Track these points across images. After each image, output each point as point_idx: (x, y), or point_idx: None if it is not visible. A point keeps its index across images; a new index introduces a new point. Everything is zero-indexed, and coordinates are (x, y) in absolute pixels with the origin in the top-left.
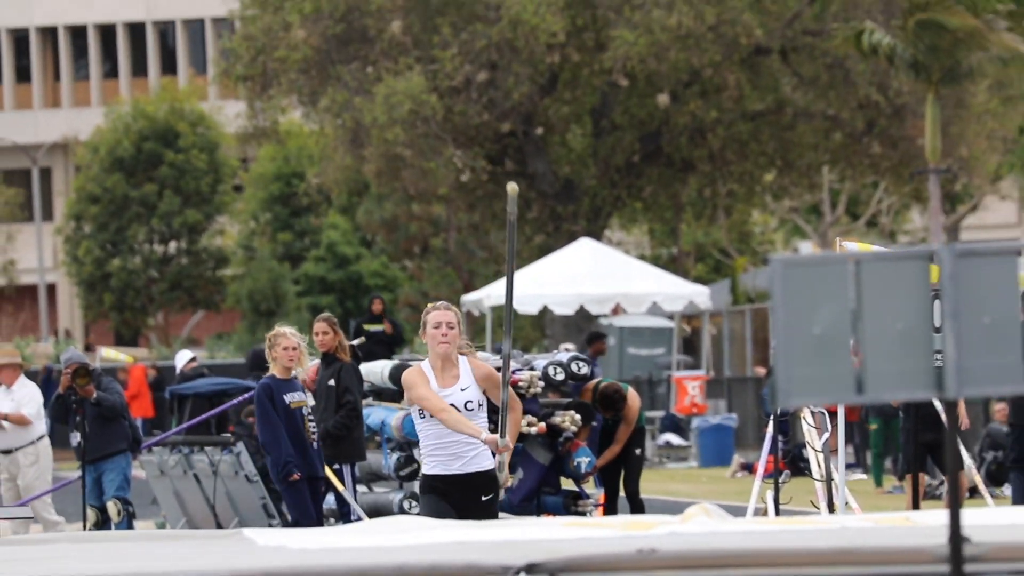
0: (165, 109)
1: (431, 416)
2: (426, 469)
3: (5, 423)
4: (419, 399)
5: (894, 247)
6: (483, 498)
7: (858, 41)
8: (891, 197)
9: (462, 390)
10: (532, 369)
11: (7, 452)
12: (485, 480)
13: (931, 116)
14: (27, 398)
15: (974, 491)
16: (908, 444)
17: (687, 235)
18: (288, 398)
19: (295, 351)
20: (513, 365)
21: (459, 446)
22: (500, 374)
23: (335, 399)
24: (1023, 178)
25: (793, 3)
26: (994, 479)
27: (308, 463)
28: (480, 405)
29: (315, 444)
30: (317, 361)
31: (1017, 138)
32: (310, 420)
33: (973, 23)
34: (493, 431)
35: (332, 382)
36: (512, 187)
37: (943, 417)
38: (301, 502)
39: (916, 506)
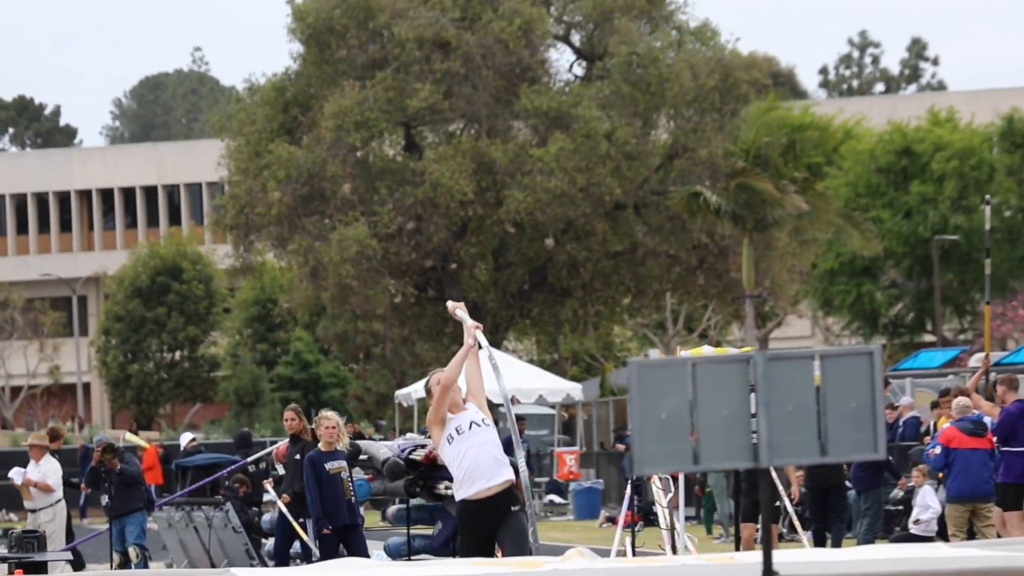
0: (172, 251)
1: (449, 438)
2: (458, 495)
3: (32, 488)
4: (439, 381)
5: (720, 354)
6: (512, 508)
7: (693, 199)
8: (717, 315)
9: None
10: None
11: (33, 511)
12: (508, 494)
13: (746, 255)
14: (50, 471)
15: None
16: (737, 500)
17: (565, 345)
18: (329, 466)
19: (335, 429)
20: (431, 443)
21: (477, 467)
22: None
23: (300, 470)
24: (815, 301)
25: (644, 170)
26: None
27: (350, 513)
28: (485, 422)
29: (353, 499)
30: (286, 441)
31: (810, 272)
32: (348, 481)
33: (773, 188)
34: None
35: (297, 456)
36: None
37: (772, 476)
38: (332, 551)
39: (737, 548)
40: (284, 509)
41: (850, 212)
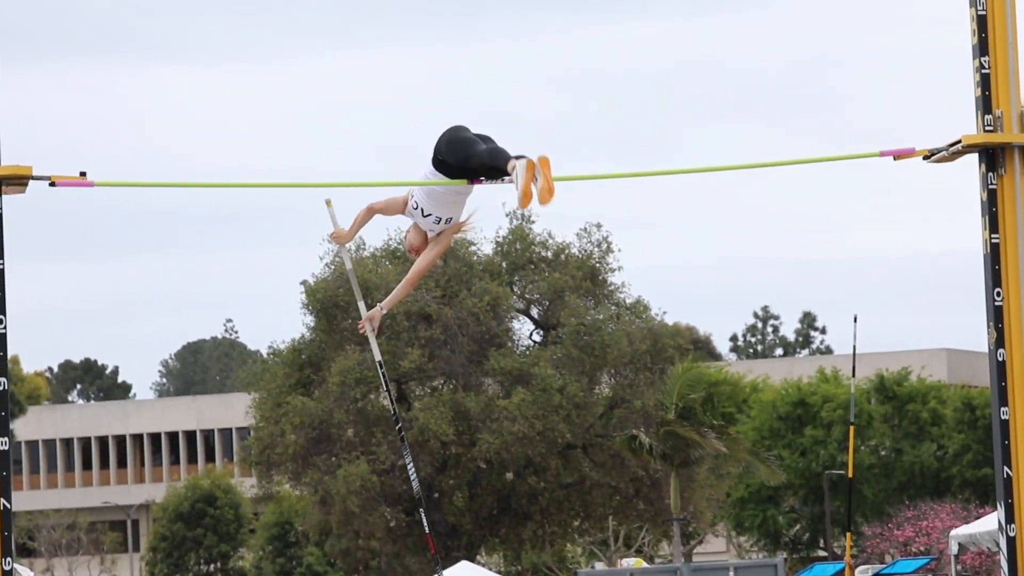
0: (208, 484)
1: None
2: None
3: None
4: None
5: (653, 566)
6: None
7: (631, 441)
8: (650, 535)
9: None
10: None
11: None
12: None
13: (674, 486)
14: None
15: None
16: None
17: (527, 558)
18: None
19: None
20: None
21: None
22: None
23: None
24: (729, 523)
25: (589, 417)
26: None
27: None
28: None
29: None
30: None
31: (725, 499)
32: None
33: (695, 434)
34: None
35: None
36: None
37: None
38: None
39: None
40: None
41: (757, 451)
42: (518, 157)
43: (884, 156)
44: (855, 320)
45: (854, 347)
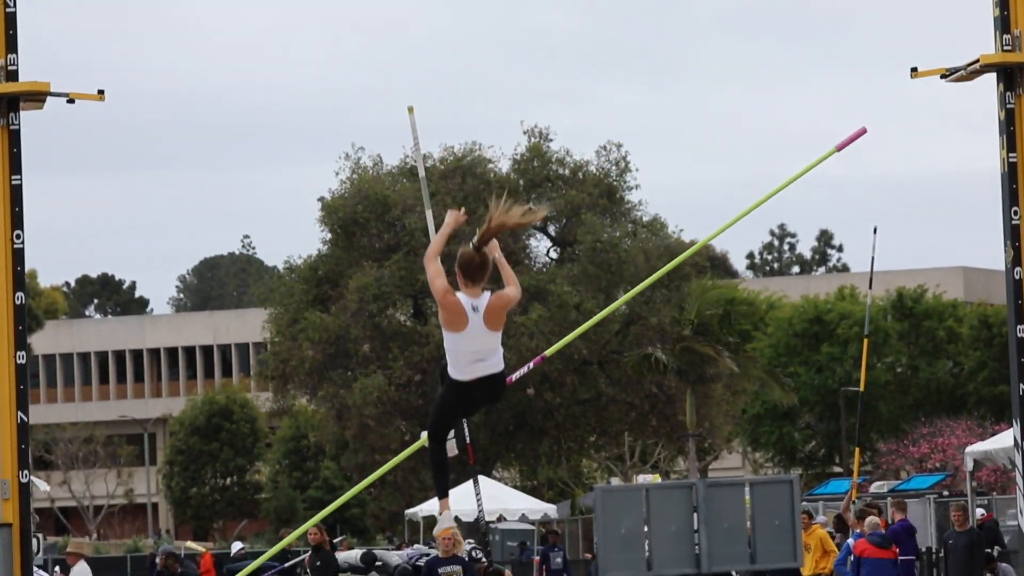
0: (224, 398)
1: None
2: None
3: None
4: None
5: (668, 481)
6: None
7: (645, 360)
8: (666, 451)
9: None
10: None
11: None
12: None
13: (689, 403)
14: (81, 574)
15: None
16: None
17: (542, 473)
18: (442, 570)
19: (450, 539)
20: (435, 553)
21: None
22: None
23: (318, 573)
24: (744, 440)
25: (606, 334)
26: None
27: None
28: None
29: None
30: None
31: (740, 416)
32: None
33: (712, 351)
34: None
35: (319, 563)
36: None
37: None
38: None
39: None
40: None
41: (772, 369)
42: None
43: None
44: (875, 231)
45: (872, 258)
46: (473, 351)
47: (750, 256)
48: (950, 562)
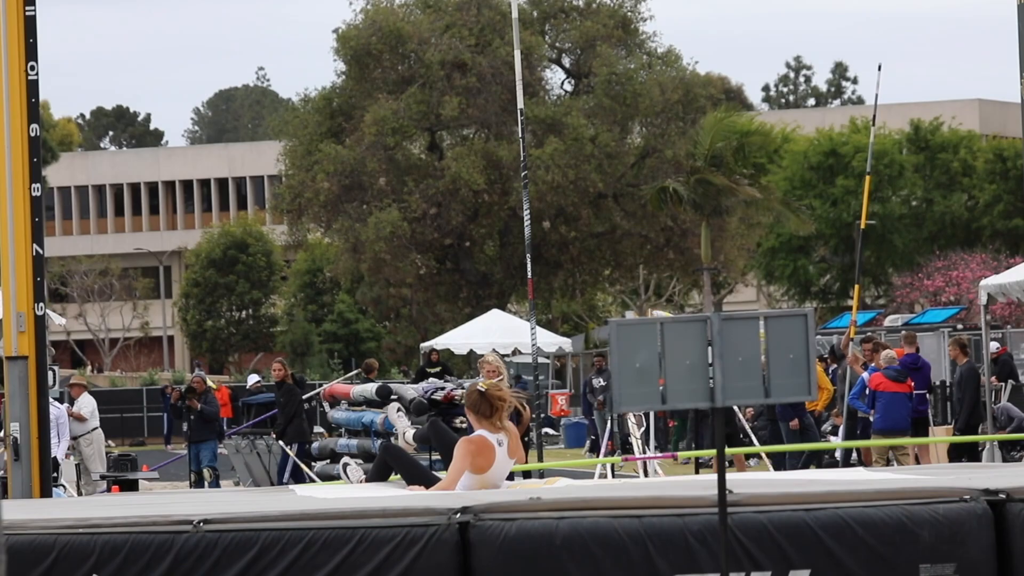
0: (240, 231)
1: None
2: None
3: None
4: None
5: (682, 315)
6: None
7: (661, 192)
8: (681, 284)
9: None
10: (462, 388)
11: (74, 437)
12: None
13: (704, 235)
14: (85, 405)
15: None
16: (697, 432)
17: (557, 307)
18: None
19: (495, 372)
20: (449, 386)
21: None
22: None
23: (281, 407)
24: (759, 273)
25: (621, 167)
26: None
27: None
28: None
29: None
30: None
31: (755, 249)
32: None
33: (727, 181)
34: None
35: (282, 398)
36: None
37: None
38: None
39: (697, 472)
40: (285, 448)
41: (788, 201)
42: None
43: None
44: (879, 69)
45: (876, 95)
46: (494, 485)
47: (765, 88)
48: (953, 395)
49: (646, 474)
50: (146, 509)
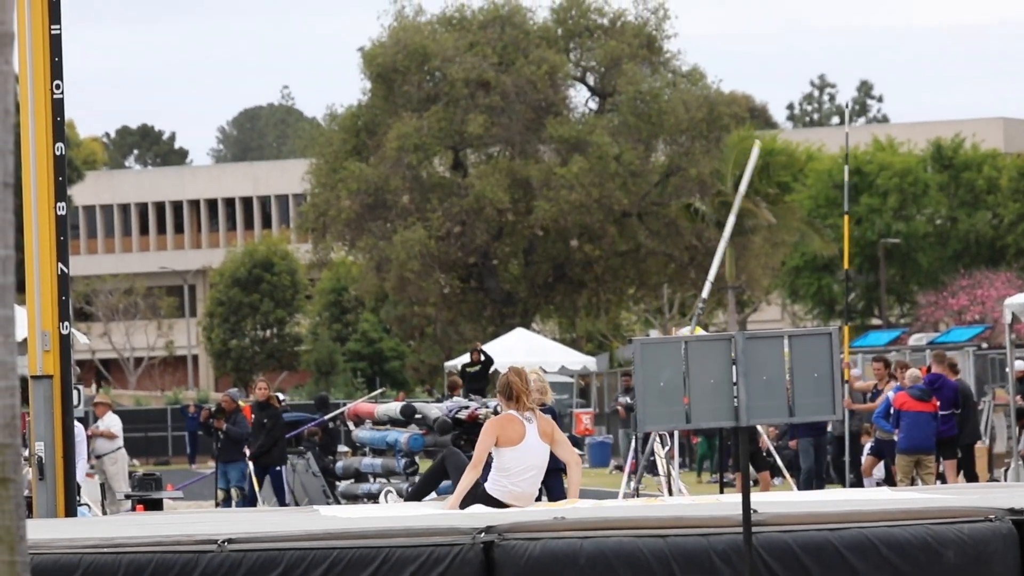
0: (264, 249)
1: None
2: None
3: (98, 438)
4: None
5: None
6: None
7: (687, 209)
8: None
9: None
10: (486, 407)
11: (99, 456)
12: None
13: (729, 254)
14: (112, 423)
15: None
16: (723, 452)
17: (581, 326)
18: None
19: (541, 390)
20: (474, 406)
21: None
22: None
23: (267, 430)
24: (784, 292)
25: (645, 185)
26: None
27: (551, 458)
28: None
29: None
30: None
31: (779, 268)
32: None
33: (748, 204)
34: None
35: (265, 420)
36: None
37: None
38: None
39: (721, 491)
40: (251, 467)
41: (812, 220)
42: None
43: None
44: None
45: (846, 134)
46: (529, 463)
47: (790, 107)
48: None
49: (670, 493)
50: (171, 528)
